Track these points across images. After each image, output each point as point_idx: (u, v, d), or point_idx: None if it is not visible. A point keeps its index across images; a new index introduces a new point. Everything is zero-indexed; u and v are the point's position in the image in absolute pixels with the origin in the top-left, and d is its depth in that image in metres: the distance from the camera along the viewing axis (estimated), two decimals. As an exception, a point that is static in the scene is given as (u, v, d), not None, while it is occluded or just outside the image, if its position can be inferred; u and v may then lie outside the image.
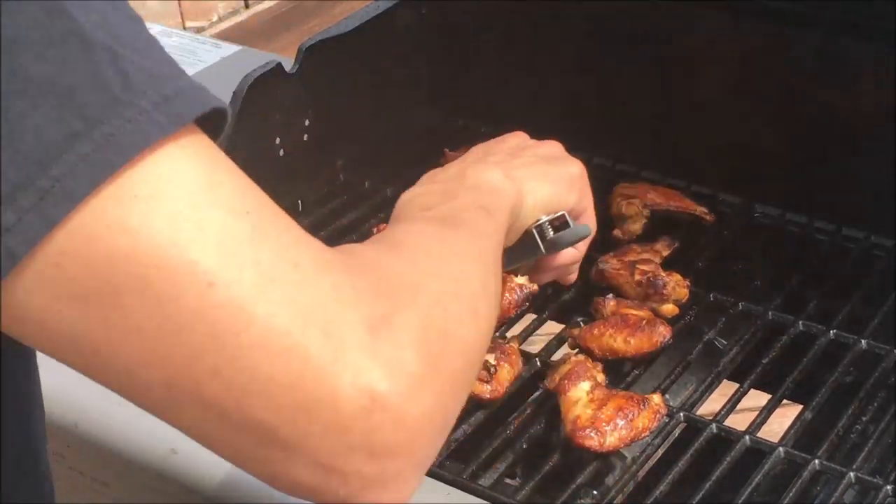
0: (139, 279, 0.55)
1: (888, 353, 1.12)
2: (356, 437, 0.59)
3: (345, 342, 0.58)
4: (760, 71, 1.32)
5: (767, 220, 1.32)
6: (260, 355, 0.57)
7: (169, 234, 0.55)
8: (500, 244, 0.80)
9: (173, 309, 0.56)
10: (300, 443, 0.59)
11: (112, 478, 1.06)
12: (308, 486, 0.60)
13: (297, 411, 0.58)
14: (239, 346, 0.57)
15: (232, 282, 0.56)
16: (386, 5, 1.37)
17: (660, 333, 1.12)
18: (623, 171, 1.39)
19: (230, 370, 0.57)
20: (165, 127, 0.56)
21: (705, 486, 0.98)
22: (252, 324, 0.57)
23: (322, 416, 0.58)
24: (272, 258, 0.58)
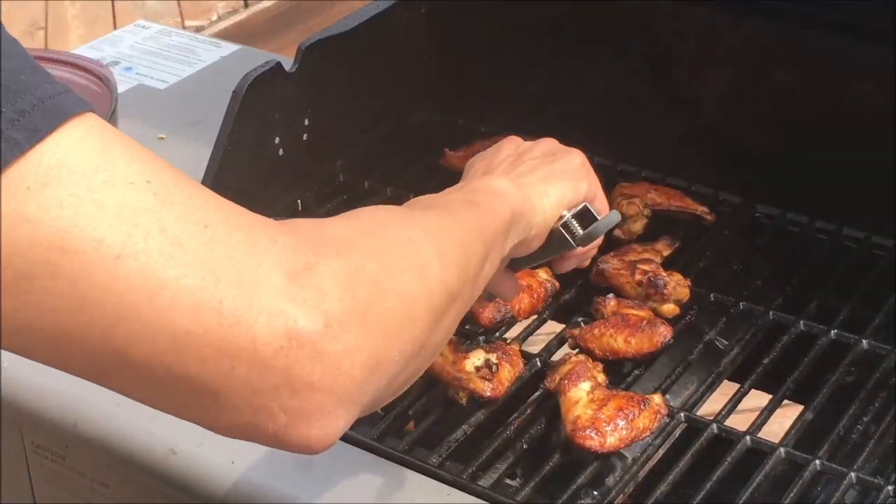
0: (47, 265, 0.57)
1: (889, 353, 1.12)
2: (277, 374, 0.62)
3: (259, 289, 0.61)
4: (760, 71, 1.32)
5: (768, 220, 1.32)
6: (175, 315, 0.60)
7: (69, 217, 0.57)
8: (483, 237, 0.81)
9: (85, 286, 0.58)
10: (226, 387, 0.62)
11: (112, 478, 1.06)
12: (240, 426, 0.64)
13: (219, 359, 0.61)
14: (153, 308, 0.59)
15: (138, 252, 0.59)
16: (386, 5, 1.37)
17: (660, 333, 1.12)
18: (623, 171, 1.39)
19: (148, 333, 0.60)
20: (22, 144, 0.57)
21: (706, 487, 0.98)
22: (163, 287, 0.59)
23: (243, 359, 0.61)
24: (178, 222, 0.60)
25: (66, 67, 1.43)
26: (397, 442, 1.04)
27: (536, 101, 1.43)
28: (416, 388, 1.10)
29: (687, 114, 1.37)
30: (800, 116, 1.31)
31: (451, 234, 0.77)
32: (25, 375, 1.08)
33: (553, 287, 1.18)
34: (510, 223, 0.86)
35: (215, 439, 1.01)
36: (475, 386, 1.06)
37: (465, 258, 0.78)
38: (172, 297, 0.59)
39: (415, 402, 1.09)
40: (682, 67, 1.37)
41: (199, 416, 0.65)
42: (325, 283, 0.64)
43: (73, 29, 3.75)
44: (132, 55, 1.61)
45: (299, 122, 1.30)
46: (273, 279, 0.62)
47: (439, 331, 0.74)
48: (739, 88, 1.34)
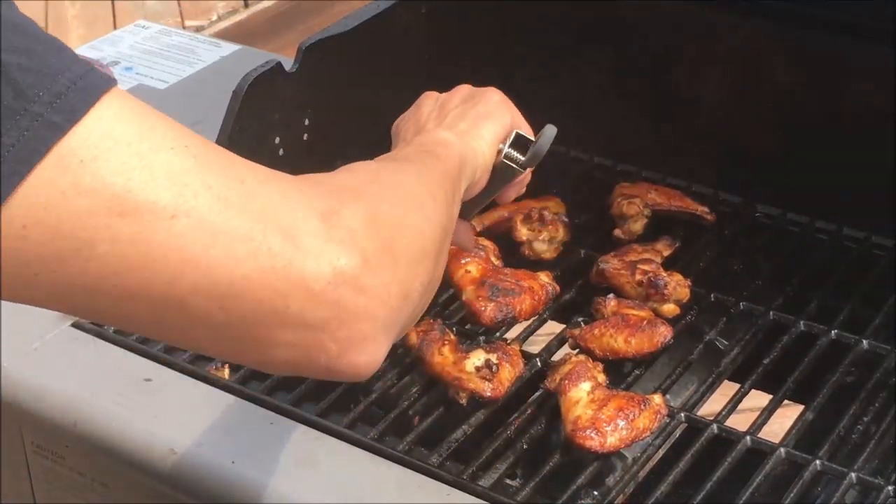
0: (108, 229, 0.61)
1: (889, 353, 1.12)
2: (327, 308, 0.68)
3: (301, 233, 0.67)
4: (760, 71, 1.32)
5: (768, 220, 1.32)
6: (231, 263, 0.64)
7: (123, 184, 0.61)
8: (449, 176, 0.88)
9: (145, 246, 0.62)
10: (282, 324, 0.67)
11: (112, 478, 1.06)
12: (295, 360, 0.69)
13: (274, 299, 0.66)
14: (209, 260, 0.64)
15: (191, 209, 0.63)
16: (385, 5, 1.37)
17: (660, 333, 1.12)
18: (623, 171, 1.39)
19: (208, 283, 0.64)
20: (63, 126, 0.60)
21: (706, 487, 0.98)
22: (217, 239, 0.64)
23: (296, 296, 0.66)
24: (220, 180, 0.65)
25: (66, 67, 1.42)
26: (397, 442, 1.04)
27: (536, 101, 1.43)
28: (416, 388, 1.11)
29: (687, 114, 1.37)
30: (800, 116, 1.31)
31: (430, 178, 0.84)
32: (25, 375, 1.08)
33: (554, 290, 1.18)
34: (460, 168, 0.92)
35: (215, 439, 1.02)
36: (475, 386, 1.06)
37: (446, 197, 0.84)
38: (227, 246, 0.64)
39: (415, 402, 1.09)
40: (682, 67, 1.37)
41: (255, 356, 0.70)
42: (354, 224, 0.69)
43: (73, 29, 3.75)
44: (132, 55, 1.61)
45: (299, 122, 1.30)
46: (311, 223, 0.67)
47: (441, 264, 0.81)
48: (739, 88, 1.34)
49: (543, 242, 1.26)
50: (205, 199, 0.64)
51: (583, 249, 1.28)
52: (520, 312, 1.16)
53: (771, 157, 1.32)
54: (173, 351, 1.13)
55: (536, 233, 1.26)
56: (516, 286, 1.16)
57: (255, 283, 0.65)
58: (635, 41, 1.38)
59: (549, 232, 1.26)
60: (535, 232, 1.26)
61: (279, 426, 1.03)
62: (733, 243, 1.29)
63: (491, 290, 1.15)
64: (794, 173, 1.31)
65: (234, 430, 1.03)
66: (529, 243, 1.26)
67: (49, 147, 0.59)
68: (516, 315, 1.16)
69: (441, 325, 1.11)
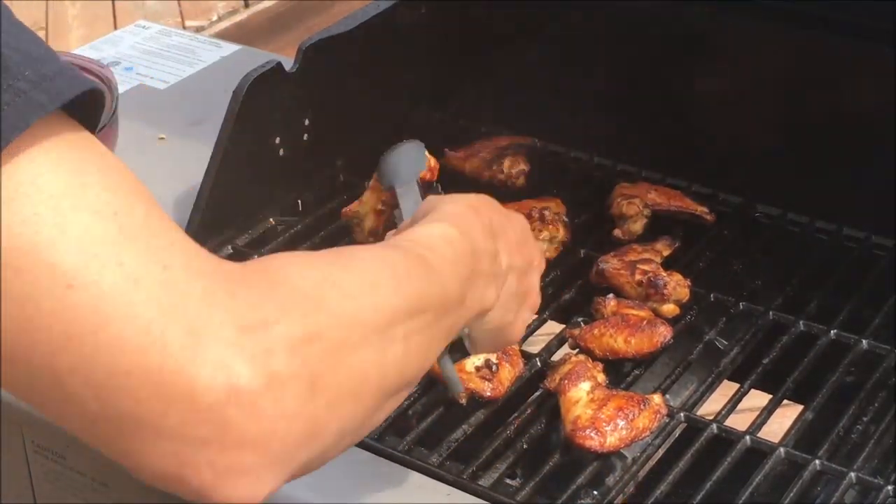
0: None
1: (889, 353, 1.12)
2: (210, 428, 0.59)
3: (209, 338, 0.59)
4: (760, 71, 1.32)
5: (767, 220, 1.32)
6: (117, 353, 0.58)
7: (28, 237, 0.56)
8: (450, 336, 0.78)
9: (32, 310, 0.57)
10: (157, 434, 0.60)
11: (112, 478, 1.06)
12: (165, 475, 0.61)
13: (154, 402, 0.59)
14: (96, 344, 0.58)
15: (91, 283, 0.57)
16: (386, 5, 1.36)
17: (660, 333, 1.12)
18: (623, 171, 1.39)
19: (87, 367, 0.58)
20: (46, 105, 0.56)
21: (706, 487, 0.98)
22: (110, 323, 0.58)
23: (179, 407, 0.59)
24: (138, 259, 0.59)
25: (67, 67, 1.42)
26: (397, 442, 1.04)
27: (536, 101, 1.43)
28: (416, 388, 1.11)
29: (687, 114, 1.37)
30: (800, 116, 1.31)
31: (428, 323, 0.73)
32: (25, 375, 1.08)
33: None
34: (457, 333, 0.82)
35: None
36: (475, 386, 1.06)
37: (426, 350, 0.74)
38: (118, 334, 0.58)
39: (415, 402, 1.09)
40: (682, 67, 1.37)
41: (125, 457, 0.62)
42: (278, 344, 0.61)
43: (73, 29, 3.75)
44: (132, 55, 1.61)
45: (299, 122, 1.30)
46: (224, 332, 0.60)
47: (382, 412, 0.71)
48: (739, 88, 1.34)
49: (544, 242, 1.26)
50: (111, 275, 0.58)
51: (583, 249, 1.28)
52: None
53: (771, 157, 1.32)
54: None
55: (537, 232, 1.26)
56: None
57: (137, 381, 0.58)
58: (636, 41, 1.38)
59: (549, 231, 1.26)
60: (536, 231, 1.26)
61: (279, 426, 1.03)
62: (733, 243, 1.29)
63: None
64: (794, 173, 1.31)
65: (234, 429, 1.03)
66: (529, 243, 1.26)
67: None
68: None
69: (441, 325, 1.11)
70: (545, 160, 1.41)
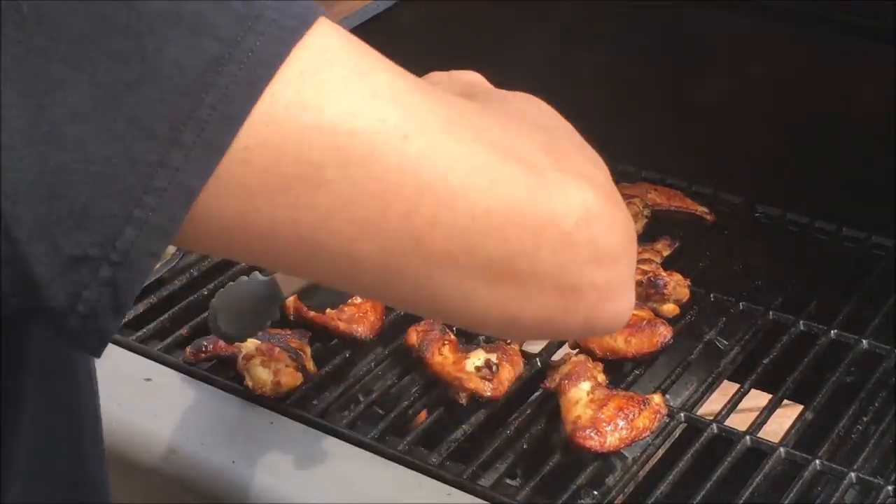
0: (336, 149, 0.54)
1: (889, 353, 1.12)
2: (583, 248, 0.59)
3: (539, 165, 0.59)
4: (761, 71, 1.32)
5: (767, 220, 1.32)
6: (472, 193, 0.57)
7: (349, 100, 0.55)
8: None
9: (378, 170, 0.55)
10: (533, 268, 0.59)
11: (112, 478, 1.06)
12: (548, 315, 0.60)
13: (522, 237, 0.58)
14: (449, 188, 0.56)
15: (423, 130, 0.56)
16: (386, 5, 1.37)
17: (660, 333, 1.12)
18: (623, 171, 1.39)
19: (448, 215, 0.57)
20: (297, 30, 0.55)
21: (706, 487, 0.98)
22: (455, 165, 0.57)
23: (548, 235, 0.58)
24: (441, 106, 0.58)
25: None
26: (397, 442, 1.04)
27: (536, 101, 1.43)
28: (416, 388, 1.11)
29: (687, 114, 1.37)
30: (800, 117, 1.31)
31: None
32: (26, 375, 1.08)
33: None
34: None
35: (215, 439, 1.02)
36: (475, 386, 1.06)
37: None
38: (466, 174, 0.57)
39: (415, 402, 1.09)
40: (682, 67, 1.37)
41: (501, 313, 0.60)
42: (577, 158, 0.63)
43: (73, 29, 3.75)
44: (132, 55, 1.61)
45: (299, 122, 1.30)
46: (542, 157, 0.60)
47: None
48: (739, 88, 1.34)
49: (543, 242, 1.26)
50: (434, 122, 0.57)
51: (583, 249, 1.28)
52: None
53: (771, 157, 1.33)
54: (173, 351, 1.13)
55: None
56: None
57: (500, 219, 0.57)
58: (636, 42, 1.38)
59: (549, 232, 1.26)
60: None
61: (279, 426, 1.03)
62: (733, 243, 1.29)
63: None
64: (794, 173, 1.31)
65: (234, 430, 1.03)
66: (529, 243, 1.26)
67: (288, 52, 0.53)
68: None
69: (441, 325, 1.11)
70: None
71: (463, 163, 0.57)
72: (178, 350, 1.14)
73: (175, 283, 1.22)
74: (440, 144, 0.56)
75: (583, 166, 0.62)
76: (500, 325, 0.62)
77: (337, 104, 0.54)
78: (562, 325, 0.61)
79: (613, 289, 0.61)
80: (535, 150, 0.60)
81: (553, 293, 0.60)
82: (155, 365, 1.10)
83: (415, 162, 0.56)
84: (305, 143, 0.54)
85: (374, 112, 0.55)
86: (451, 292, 0.59)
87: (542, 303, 0.60)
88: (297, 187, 0.54)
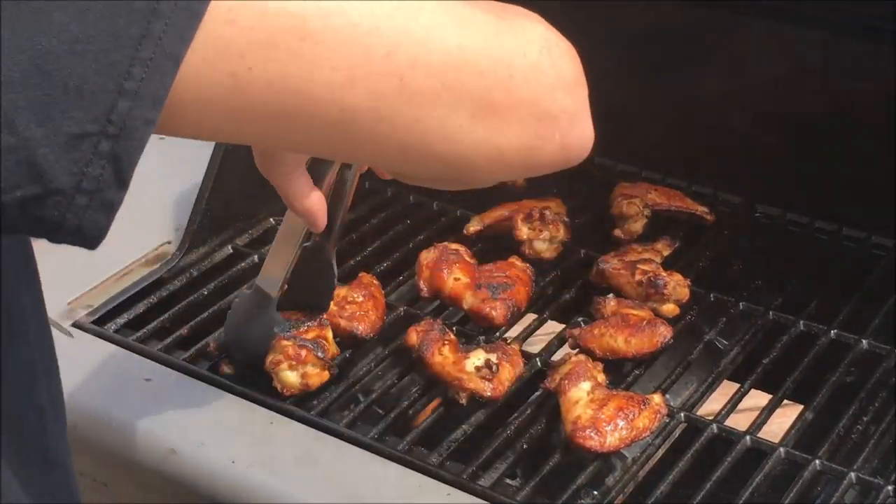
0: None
1: (889, 353, 1.12)
2: (549, 74, 0.64)
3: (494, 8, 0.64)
4: (760, 71, 1.32)
5: (767, 220, 1.32)
6: (445, 31, 0.61)
7: None
8: None
9: (355, 14, 0.58)
10: (509, 98, 0.63)
11: (112, 478, 1.06)
12: (529, 143, 0.65)
13: (496, 69, 0.62)
14: (423, 27, 0.60)
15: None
16: (386, 5, 1.36)
17: (660, 333, 1.12)
18: (623, 171, 1.39)
19: (425, 53, 0.60)
20: None
21: (706, 487, 0.98)
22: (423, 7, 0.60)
23: (518, 64, 0.63)
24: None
25: (67, 67, 1.42)
26: (397, 442, 1.04)
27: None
28: (416, 388, 1.11)
29: (687, 114, 1.37)
30: (800, 117, 1.31)
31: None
32: (26, 375, 1.08)
33: (531, 270, 1.21)
34: None
35: (215, 439, 1.02)
36: (475, 386, 1.06)
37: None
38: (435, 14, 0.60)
39: (415, 402, 1.09)
40: (682, 67, 1.37)
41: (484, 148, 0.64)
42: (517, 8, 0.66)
43: (73, 29, 3.75)
44: (132, 55, 1.61)
45: (299, 122, 1.30)
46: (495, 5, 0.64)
47: None
48: (739, 88, 1.34)
49: (544, 242, 1.26)
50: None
51: (583, 249, 1.28)
52: (520, 302, 1.17)
53: (771, 157, 1.33)
54: (173, 351, 1.13)
55: (537, 232, 1.26)
56: (507, 279, 1.17)
57: (472, 54, 0.61)
58: (636, 42, 1.38)
59: (549, 231, 1.26)
60: (536, 231, 1.26)
61: (279, 426, 1.03)
62: (733, 243, 1.29)
63: (490, 290, 1.16)
64: (794, 173, 1.31)
65: (234, 430, 1.03)
66: (530, 242, 1.26)
67: None
68: (518, 305, 1.17)
69: (441, 325, 1.12)
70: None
71: (430, 5, 0.61)
72: (178, 350, 1.14)
73: (175, 283, 1.23)
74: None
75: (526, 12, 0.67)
76: (487, 162, 0.65)
77: None
78: (541, 152, 0.66)
79: (579, 113, 0.67)
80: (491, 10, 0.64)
81: (531, 120, 0.64)
82: (155, 365, 1.10)
83: (389, 6, 0.59)
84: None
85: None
86: (439, 133, 0.63)
87: (523, 132, 0.65)
88: (285, 40, 0.56)
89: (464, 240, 1.28)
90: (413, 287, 1.22)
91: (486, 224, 1.30)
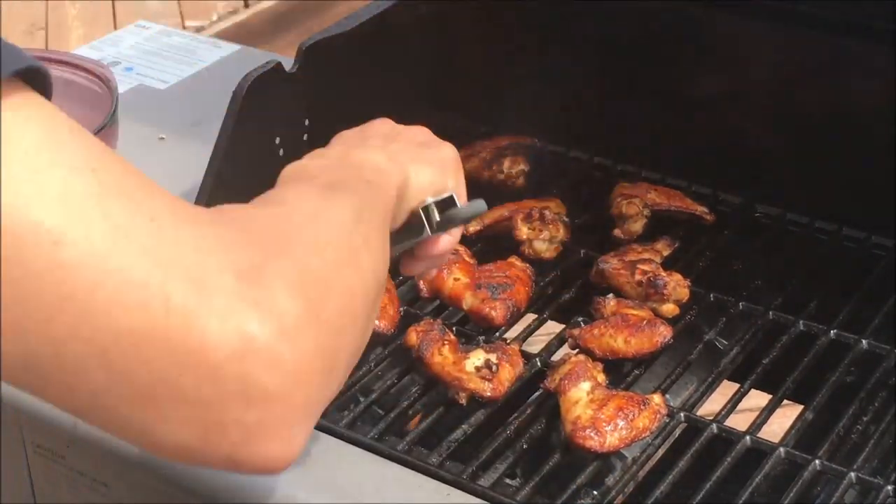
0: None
1: (889, 353, 1.12)
2: (230, 383, 0.56)
3: (210, 288, 0.57)
4: (760, 71, 1.32)
5: (767, 220, 1.32)
6: (118, 310, 0.55)
7: (7, 198, 0.53)
8: (385, 216, 0.77)
9: (20, 273, 0.54)
10: (174, 397, 0.56)
11: (112, 478, 1.06)
12: (189, 445, 0.58)
13: (165, 362, 0.56)
14: (93, 302, 0.55)
15: (79, 239, 0.54)
16: (386, 5, 1.36)
17: (660, 333, 1.12)
18: (623, 171, 1.39)
19: (88, 329, 0.55)
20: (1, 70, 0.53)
21: (706, 487, 0.98)
22: (106, 279, 0.55)
23: (192, 364, 0.56)
24: (124, 212, 0.56)
25: (67, 67, 1.43)
26: (397, 442, 1.04)
27: (536, 101, 1.43)
28: (416, 388, 1.11)
29: (687, 113, 1.37)
30: (800, 116, 1.31)
31: (370, 218, 0.73)
32: (25, 375, 1.08)
33: (531, 270, 1.21)
34: (395, 203, 0.81)
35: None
36: (475, 386, 1.06)
37: (383, 243, 0.74)
38: (116, 289, 0.55)
39: (415, 402, 1.09)
40: (682, 67, 1.37)
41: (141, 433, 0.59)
42: (275, 283, 0.59)
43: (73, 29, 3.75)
44: (133, 55, 1.61)
45: (299, 122, 1.30)
46: (224, 279, 0.57)
47: (370, 326, 0.71)
48: (739, 88, 1.34)
49: (544, 242, 1.26)
50: (100, 230, 0.55)
51: (583, 249, 1.28)
52: (520, 302, 1.17)
53: (771, 157, 1.33)
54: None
55: (537, 232, 1.26)
56: (507, 279, 1.17)
57: (143, 341, 0.55)
58: (636, 42, 1.38)
59: (549, 231, 1.26)
60: (536, 231, 1.26)
61: (279, 426, 1.03)
62: (733, 243, 1.29)
63: (490, 290, 1.16)
64: (794, 173, 1.31)
65: (234, 430, 1.03)
66: (530, 242, 1.26)
67: None
68: (517, 305, 1.17)
69: (441, 325, 1.12)
70: (545, 160, 1.41)
71: (116, 278, 0.55)
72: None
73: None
74: (96, 255, 0.54)
75: (279, 294, 0.59)
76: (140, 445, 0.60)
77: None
78: (203, 457, 0.59)
79: (266, 430, 0.58)
80: (225, 271, 0.57)
81: (194, 425, 0.57)
82: (155, 365, 1.10)
83: (61, 271, 0.54)
84: None
85: (28, 214, 0.53)
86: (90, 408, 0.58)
87: (183, 433, 0.58)
88: None
89: (463, 240, 1.27)
90: (413, 287, 1.22)
91: (486, 224, 1.30)
